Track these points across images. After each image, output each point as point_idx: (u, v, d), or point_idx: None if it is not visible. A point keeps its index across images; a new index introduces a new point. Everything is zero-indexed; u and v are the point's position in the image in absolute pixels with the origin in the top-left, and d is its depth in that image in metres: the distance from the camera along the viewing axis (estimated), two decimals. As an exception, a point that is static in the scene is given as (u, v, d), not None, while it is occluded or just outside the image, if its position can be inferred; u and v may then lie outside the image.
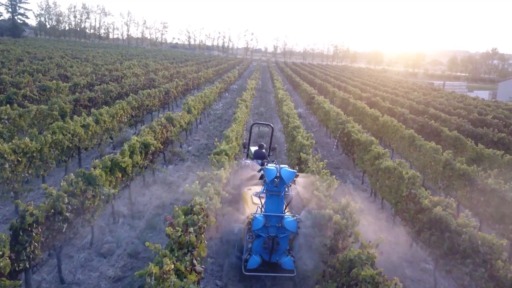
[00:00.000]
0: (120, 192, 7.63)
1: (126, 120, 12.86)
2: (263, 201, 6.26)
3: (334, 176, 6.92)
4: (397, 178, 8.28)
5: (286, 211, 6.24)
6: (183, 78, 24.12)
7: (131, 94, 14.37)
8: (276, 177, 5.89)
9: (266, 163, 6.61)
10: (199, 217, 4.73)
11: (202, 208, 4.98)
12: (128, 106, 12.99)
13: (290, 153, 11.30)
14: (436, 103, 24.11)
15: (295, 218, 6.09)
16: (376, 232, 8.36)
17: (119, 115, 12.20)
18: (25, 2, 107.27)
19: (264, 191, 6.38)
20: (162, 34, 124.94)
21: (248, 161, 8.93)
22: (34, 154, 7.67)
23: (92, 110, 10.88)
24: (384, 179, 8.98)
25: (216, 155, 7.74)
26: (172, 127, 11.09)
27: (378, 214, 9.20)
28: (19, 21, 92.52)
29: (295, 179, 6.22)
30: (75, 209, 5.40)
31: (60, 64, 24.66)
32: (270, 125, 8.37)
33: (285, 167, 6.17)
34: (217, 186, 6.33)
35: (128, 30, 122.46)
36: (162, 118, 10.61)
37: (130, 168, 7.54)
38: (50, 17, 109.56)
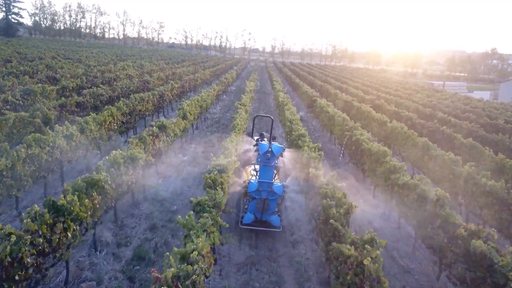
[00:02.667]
0: (103, 215, 6.63)
1: (116, 127, 11.84)
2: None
3: (352, 201, 5.94)
4: (419, 197, 7.32)
5: (275, 178, 7.76)
6: (179, 80, 23.09)
7: (121, 98, 13.34)
8: (267, 151, 7.42)
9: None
10: (195, 267, 3.73)
11: (202, 255, 3.97)
12: (118, 112, 11.97)
13: (295, 164, 10.32)
14: (442, 105, 23.21)
15: (282, 184, 7.54)
16: (395, 258, 7.42)
17: (108, 123, 11.18)
18: (20, 1, 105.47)
19: (258, 161, 7.79)
20: (158, 33, 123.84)
21: (250, 147, 9.95)
22: (4, 173, 6.66)
23: (77, 118, 9.86)
24: (401, 197, 8.01)
25: (211, 174, 6.75)
26: (165, 137, 10.09)
27: (395, 236, 8.23)
28: (13, 20, 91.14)
29: (282, 152, 7.97)
30: (41, 250, 4.40)
31: (50, 65, 23.54)
32: (270, 117, 9.46)
33: (275, 143, 7.91)
34: (215, 215, 5.34)
35: (124, 30, 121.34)
36: (154, 127, 9.60)
37: (111, 188, 6.53)
38: (45, 16, 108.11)
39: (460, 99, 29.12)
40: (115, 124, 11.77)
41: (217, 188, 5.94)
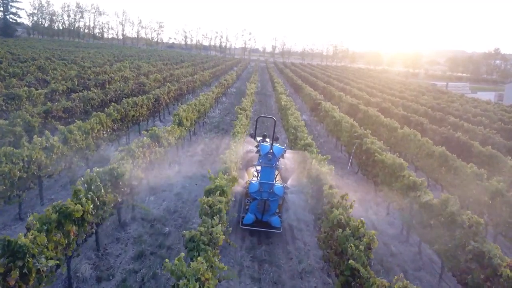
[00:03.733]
0: (81, 245, 5.67)
1: (105, 135, 10.88)
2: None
3: (373, 233, 4.98)
4: (447, 221, 6.37)
5: (276, 179, 7.73)
6: (177, 82, 22.13)
7: (112, 103, 12.38)
8: (269, 152, 7.48)
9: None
10: None
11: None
12: (107, 118, 11.02)
13: (301, 177, 9.35)
14: (451, 108, 22.23)
15: (282, 185, 7.53)
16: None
17: (96, 131, 10.23)
18: (17, 1, 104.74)
19: (260, 162, 7.81)
20: (158, 34, 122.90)
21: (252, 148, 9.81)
22: (-34, 195, 5.71)
23: (59, 127, 8.90)
24: (424, 218, 7.06)
25: (209, 196, 5.81)
26: (158, 147, 9.13)
27: (416, 263, 7.26)
28: (11, 20, 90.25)
29: (283, 154, 7.91)
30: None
31: (42, 67, 22.59)
32: (273, 118, 9.18)
33: (276, 144, 7.94)
34: (212, 255, 4.38)
35: (123, 30, 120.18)
36: (145, 138, 8.63)
37: (90, 215, 5.58)
38: (43, 16, 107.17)
39: (468, 102, 28.14)
40: (104, 132, 10.82)
41: (215, 217, 4.98)
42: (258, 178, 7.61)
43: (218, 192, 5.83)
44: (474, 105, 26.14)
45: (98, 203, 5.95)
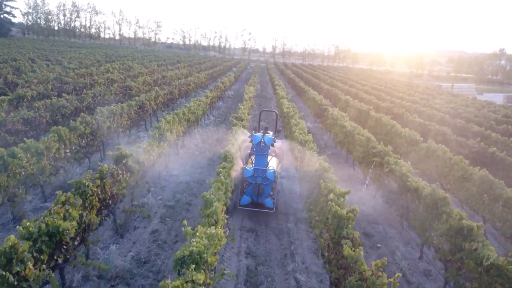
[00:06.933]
0: None
1: (69, 154, 8.86)
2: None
3: None
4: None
5: (268, 165, 8.57)
6: (167, 86, 20.07)
7: (82, 113, 10.34)
8: (261, 142, 8.59)
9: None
10: None
11: None
12: (72, 133, 8.99)
13: (311, 213, 7.32)
14: (470, 114, 20.20)
15: (274, 170, 8.46)
16: None
17: (54, 150, 8.19)
18: (12, 0, 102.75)
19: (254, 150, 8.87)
20: (155, 33, 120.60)
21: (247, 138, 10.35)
22: None
23: (-3, 149, 6.86)
24: (485, 283, 5.04)
25: (181, 270, 3.80)
26: (125, 175, 7.08)
27: None
28: (5, 20, 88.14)
29: (273, 143, 9.33)
30: None
31: (20, 69, 20.55)
32: (275, 112, 10.66)
33: (267, 135, 9.05)
34: None
35: (120, 30, 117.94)
36: (103, 166, 6.52)
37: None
38: (39, 16, 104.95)
39: (485, 106, 26.10)
40: (67, 151, 8.78)
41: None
42: (253, 164, 8.46)
43: (194, 265, 3.79)
44: (492, 109, 24.12)
45: (16, 283, 3.94)
